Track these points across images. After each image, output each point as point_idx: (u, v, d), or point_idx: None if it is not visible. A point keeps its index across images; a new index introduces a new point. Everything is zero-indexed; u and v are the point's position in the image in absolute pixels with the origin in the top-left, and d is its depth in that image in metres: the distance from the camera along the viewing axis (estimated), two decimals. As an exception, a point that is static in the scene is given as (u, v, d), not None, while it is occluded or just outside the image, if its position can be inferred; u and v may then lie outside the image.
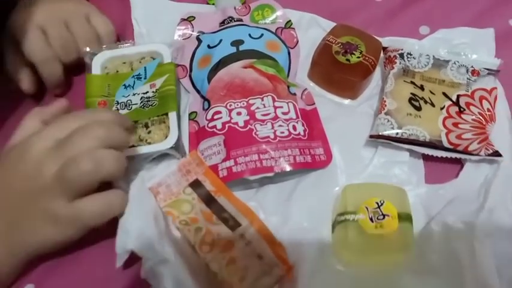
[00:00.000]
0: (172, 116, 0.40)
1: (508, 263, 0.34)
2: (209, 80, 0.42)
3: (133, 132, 0.39)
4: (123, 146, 0.35)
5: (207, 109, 0.41)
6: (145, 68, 0.42)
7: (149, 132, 0.40)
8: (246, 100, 0.40)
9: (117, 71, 0.43)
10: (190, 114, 0.42)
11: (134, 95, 0.41)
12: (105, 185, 0.34)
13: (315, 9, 0.49)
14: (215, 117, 0.40)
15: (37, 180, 0.32)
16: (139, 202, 0.36)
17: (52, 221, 0.33)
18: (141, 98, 0.41)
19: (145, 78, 0.42)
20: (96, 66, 0.42)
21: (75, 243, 0.35)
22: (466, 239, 0.34)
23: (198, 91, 0.43)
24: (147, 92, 0.41)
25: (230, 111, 0.40)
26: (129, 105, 0.41)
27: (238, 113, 0.40)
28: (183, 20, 0.46)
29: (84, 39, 0.43)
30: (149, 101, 0.41)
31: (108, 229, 0.34)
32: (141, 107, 0.40)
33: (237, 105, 0.40)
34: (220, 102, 0.40)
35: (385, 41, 0.45)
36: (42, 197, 0.33)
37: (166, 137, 0.39)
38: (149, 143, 0.39)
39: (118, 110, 0.40)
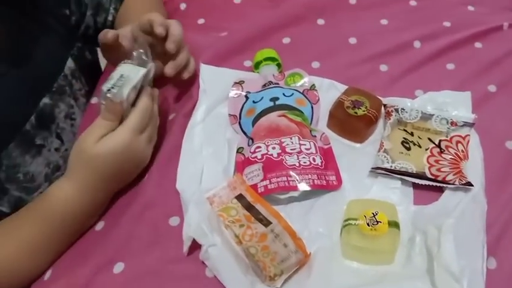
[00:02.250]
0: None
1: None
2: (253, 125, 0.58)
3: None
4: None
5: (250, 145, 0.56)
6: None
7: None
8: (279, 139, 0.55)
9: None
10: (238, 148, 0.57)
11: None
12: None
13: (333, 76, 0.64)
14: (256, 150, 0.55)
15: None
16: (198, 206, 0.50)
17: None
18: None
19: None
20: None
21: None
22: (435, 236, 0.46)
23: (244, 133, 0.58)
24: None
25: (267, 146, 0.55)
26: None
27: (273, 148, 0.55)
28: (235, 83, 0.63)
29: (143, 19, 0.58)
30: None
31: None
32: None
33: (273, 142, 0.55)
34: (260, 140, 0.56)
35: (386, 100, 0.60)
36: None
37: None
38: None
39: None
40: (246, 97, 0.62)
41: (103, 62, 0.76)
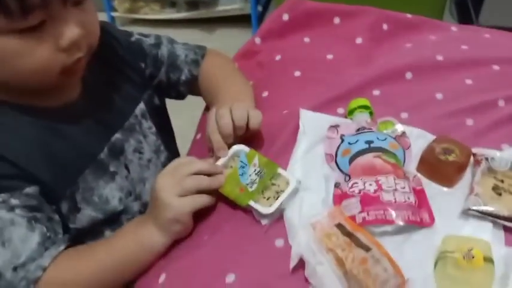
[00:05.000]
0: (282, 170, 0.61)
1: None
2: (349, 164, 0.64)
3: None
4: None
5: (347, 181, 0.62)
6: (241, 160, 0.64)
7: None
8: (375, 177, 0.61)
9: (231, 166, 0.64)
10: (335, 183, 0.63)
11: (250, 175, 0.62)
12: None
13: (422, 126, 0.70)
14: (354, 185, 0.60)
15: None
16: (305, 230, 0.56)
17: None
18: (256, 174, 0.62)
19: (246, 164, 0.63)
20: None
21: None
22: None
23: (341, 170, 0.64)
24: (254, 170, 0.62)
25: (364, 183, 0.60)
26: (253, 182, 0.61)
27: (370, 184, 0.60)
28: (331, 126, 0.70)
29: (238, 119, 0.63)
30: (260, 172, 0.62)
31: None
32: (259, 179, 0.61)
33: (369, 180, 0.61)
34: (357, 178, 0.61)
35: (475, 149, 0.65)
36: None
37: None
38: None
39: (254, 186, 0.61)
40: (342, 139, 0.68)
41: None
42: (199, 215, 0.61)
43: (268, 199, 0.61)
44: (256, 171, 0.63)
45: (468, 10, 2.05)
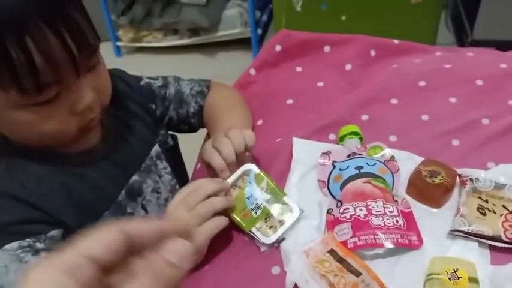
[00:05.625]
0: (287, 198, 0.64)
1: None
2: (341, 190, 0.67)
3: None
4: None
5: (339, 207, 0.65)
6: (249, 181, 0.67)
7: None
8: (365, 202, 0.64)
9: (239, 187, 0.67)
10: (328, 209, 0.66)
11: (256, 199, 0.65)
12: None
13: (409, 149, 0.73)
14: (345, 211, 0.63)
15: None
16: (298, 257, 0.59)
17: None
18: (262, 199, 0.64)
19: (254, 186, 0.66)
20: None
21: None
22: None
23: (333, 196, 0.68)
24: (261, 194, 0.65)
25: (355, 208, 0.63)
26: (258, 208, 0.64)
27: (360, 209, 0.63)
28: (323, 153, 0.74)
29: (236, 142, 0.66)
30: (266, 199, 0.65)
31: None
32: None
33: (359, 205, 0.64)
34: (348, 203, 0.64)
35: (460, 170, 0.67)
36: None
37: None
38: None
39: (259, 212, 0.64)
40: (333, 165, 0.72)
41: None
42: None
43: (270, 228, 0.63)
44: (262, 197, 0.65)
45: (463, 24, 2.08)
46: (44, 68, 0.53)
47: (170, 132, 0.87)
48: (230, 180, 0.66)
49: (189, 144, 0.95)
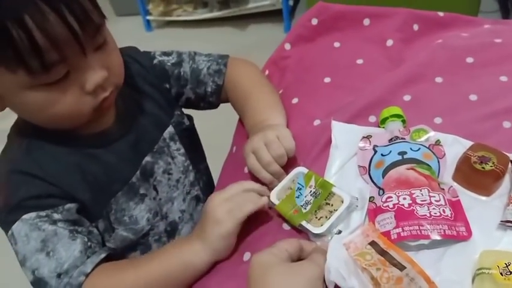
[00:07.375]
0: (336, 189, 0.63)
1: None
2: (383, 176, 0.64)
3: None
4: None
5: (381, 195, 0.62)
6: (298, 182, 0.65)
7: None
8: (409, 190, 0.61)
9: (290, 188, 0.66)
10: (370, 197, 0.63)
11: (306, 196, 0.64)
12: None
13: (456, 132, 0.68)
14: (388, 200, 0.61)
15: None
16: (336, 252, 0.57)
17: None
18: (311, 195, 0.63)
19: (303, 186, 0.65)
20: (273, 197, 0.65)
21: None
22: None
23: (374, 183, 0.65)
24: (310, 191, 0.64)
25: (398, 197, 0.60)
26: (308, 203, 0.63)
27: (404, 198, 0.60)
28: (363, 137, 0.70)
29: (277, 154, 0.65)
30: (315, 193, 0.63)
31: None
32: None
33: (403, 193, 0.60)
34: (391, 191, 0.61)
35: (512, 156, 0.63)
36: None
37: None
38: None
39: (308, 207, 0.62)
40: (375, 150, 0.68)
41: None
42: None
43: (320, 219, 0.62)
44: (311, 192, 0.64)
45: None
46: (47, 47, 0.53)
47: (186, 113, 0.85)
48: (281, 184, 0.66)
49: (206, 123, 0.92)
